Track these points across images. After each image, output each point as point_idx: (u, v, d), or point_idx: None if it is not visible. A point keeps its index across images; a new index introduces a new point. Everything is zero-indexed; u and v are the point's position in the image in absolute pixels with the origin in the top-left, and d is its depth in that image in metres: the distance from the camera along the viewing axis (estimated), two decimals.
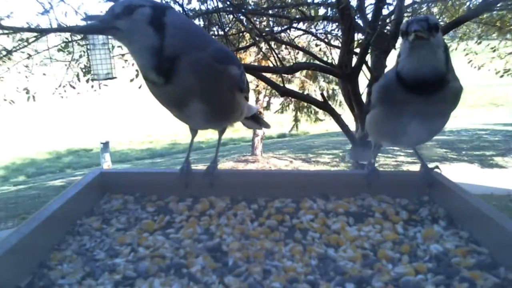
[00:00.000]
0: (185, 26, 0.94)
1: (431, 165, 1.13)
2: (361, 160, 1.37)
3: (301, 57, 7.33)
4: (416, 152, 1.19)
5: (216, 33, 5.55)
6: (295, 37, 7.00)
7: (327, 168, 9.19)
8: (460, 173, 7.58)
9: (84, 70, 5.63)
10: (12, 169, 13.31)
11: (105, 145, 7.96)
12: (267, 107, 10.06)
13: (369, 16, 4.95)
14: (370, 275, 0.74)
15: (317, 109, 8.90)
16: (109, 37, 4.51)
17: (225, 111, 1.05)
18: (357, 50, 4.80)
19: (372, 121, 1.13)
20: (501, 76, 6.29)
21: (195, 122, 1.08)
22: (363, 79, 4.69)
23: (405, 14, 4.98)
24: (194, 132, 1.20)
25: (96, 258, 0.81)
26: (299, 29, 6.26)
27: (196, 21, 4.95)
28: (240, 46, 5.65)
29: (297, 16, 5.67)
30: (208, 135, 13.30)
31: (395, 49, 4.51)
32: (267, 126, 1.48)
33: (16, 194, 8.91)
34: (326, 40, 6.26)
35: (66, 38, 5.58)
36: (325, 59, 6.17)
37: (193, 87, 0.93)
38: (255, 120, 1.40)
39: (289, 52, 6.99)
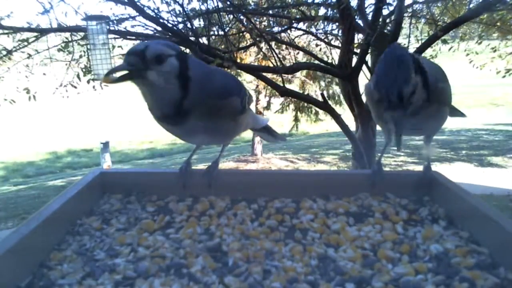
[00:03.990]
0: (203, 76, 0.94)
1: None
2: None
3: (301, 57, 7.33)
4: (426, 151, 1.19)
5: (216, 33, 5.56)
6: (295, 37, 7.00)
7: (327, 168, 9.19)
8: (460, 173, 7.58)
9: (84, 70, 5.63)
10: (12, 169, 13.31)
11: (105, 145, 7.95)
12: (267, 107, 10.06)
13: (369, 16, 4.95)
14: (370, 275, 0.74)
15: (317, 109, 8.90)
16: (109, 37, 4.54)
17: (226, 134, 1.10)
18: (357, 50, 4.80)
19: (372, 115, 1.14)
20: (503, 77, 6.29)
21: (197, 143, 1.15)
22: (363, 79, 4.69)
23: (405, 14, 4.98)
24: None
25: (96, 258, 0.80)
26: (299, 29, 6.27)
27: (196, 21, 4.95)
28: (240, 46, 5.65)
29: (297, 16, 5.67)
30: None
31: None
32: (282, 138, 1.48)
33: (16, 194, 8.90)
34: (326, 40, 6.27)
35: (66, 38, 5.58)
36: (325, 59, 6.18)
37: (202, 126, 0.96)
38: (269, 133, 1.41)
39: (289, 52, 6.99)
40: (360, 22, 5.03)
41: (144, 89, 0.91)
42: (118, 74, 0.88)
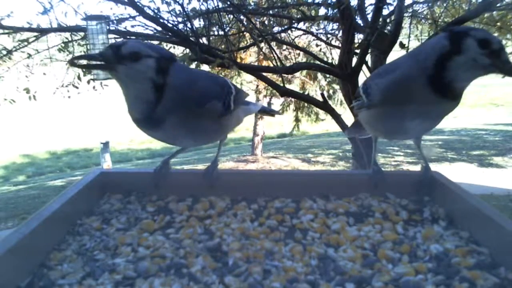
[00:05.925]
0: (183, 83, 0.93)
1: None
2: (359, 136, 1.40)
3: (301, 57, 7.33)
4: (421, 152, 1.18)
5: (216, 33, 5.55)
6: (295, 37, 7.00)
7: (327, 168, 9.19)
8: (460, 173, 7.58)
9: (84, 70, 5.62)
10: (12, 169, 13.31)
11: (105, 145, 7.95)
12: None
13: (369, 16, 4.95)
14: (370, 275, 0.74)
15: (317, 109, 8.90)
16: (109, 37, 4.54)
17: (211, 135, 1.09)
18: (357, 50, 4.80)
19: (372, 120, 1.12)
20: (503, 77, 6.27)
21: (183, 146, 1.14)
22: (363, 79, 4.68)
23: (405, 14, 4.97)
24: None
25: (96, 258, 0.81)
26: (299, 29, 6.26)
27: (196, 21, 4.94)
28: (240, 46, 5.65)
29: (298, 16, 5.67)
30: None
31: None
32: (278, 112, 1.53)
33: (16, 194, 8.91)
34: (326, 40, 6.26)
35: (66, 38, 5.58)
36: (325, 59, 6.17)
37: (180, 130, 0.96)
38: (265, 113, 1.46)
39: (290, 52, 6.99)
40: (360, 22, 5.03)
41: (121, 87, 0.92)
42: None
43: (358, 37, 5.22)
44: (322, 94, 5.29)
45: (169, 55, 0.94)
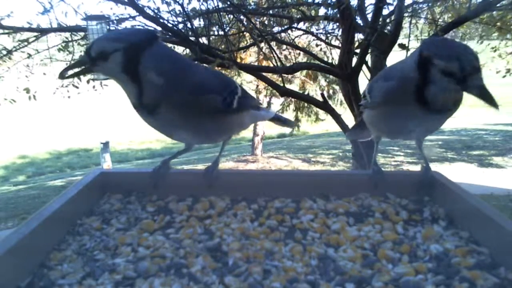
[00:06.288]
0: (164, 68, 0.91)
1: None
2: (359, 139, 1.40)
3: (301, 57, 7.33)
4: (421, 152, 1.18)
5: (216, 33, 5.55)
6: (295, 37, 7.00)
7: (327, 168, 9.19)
8: (460, 173, 7.58)
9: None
10: (12, 169, 13.31)
11: (105, 145, 7.95)
12: (267, 108, 10.04)
13: (369, 16, 4.95)
14: (370, 275, 0.74)
15: (317, 109, 8.90)
16: None
17: (215, 133, 1.08)
18: (357, 50, 4.80)
19: (375, 120, 1.13)
20: (503, 76, 6.27)
21: (188, 143, 1.13)
22: (363, 79, 4.69)
23: (405, 14, 4.97)
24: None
25: (96, 258, 0.81)
26: (299, 29, 6.26)
27: (196, 21, 4.94)
28: (240, 46, 5.65)
29: (298, 16, 5.67)
30: None
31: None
32: (291, 124, 1.50)
33: (16, 194, 8.91)
34: (326, 40, 6.26)
35: (66, 38, 5.59)
36: (325, 59, 6.17)
37: (176, 121, 0.97)
38: (278, 121, 1.43)
39: (290, 52, 6.99)
40: (360, 22, 5.03)
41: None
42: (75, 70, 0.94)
43: (358, 37, 5.22)
44: (322, 94, 5.29)
45: (141, 38, 0.91)
